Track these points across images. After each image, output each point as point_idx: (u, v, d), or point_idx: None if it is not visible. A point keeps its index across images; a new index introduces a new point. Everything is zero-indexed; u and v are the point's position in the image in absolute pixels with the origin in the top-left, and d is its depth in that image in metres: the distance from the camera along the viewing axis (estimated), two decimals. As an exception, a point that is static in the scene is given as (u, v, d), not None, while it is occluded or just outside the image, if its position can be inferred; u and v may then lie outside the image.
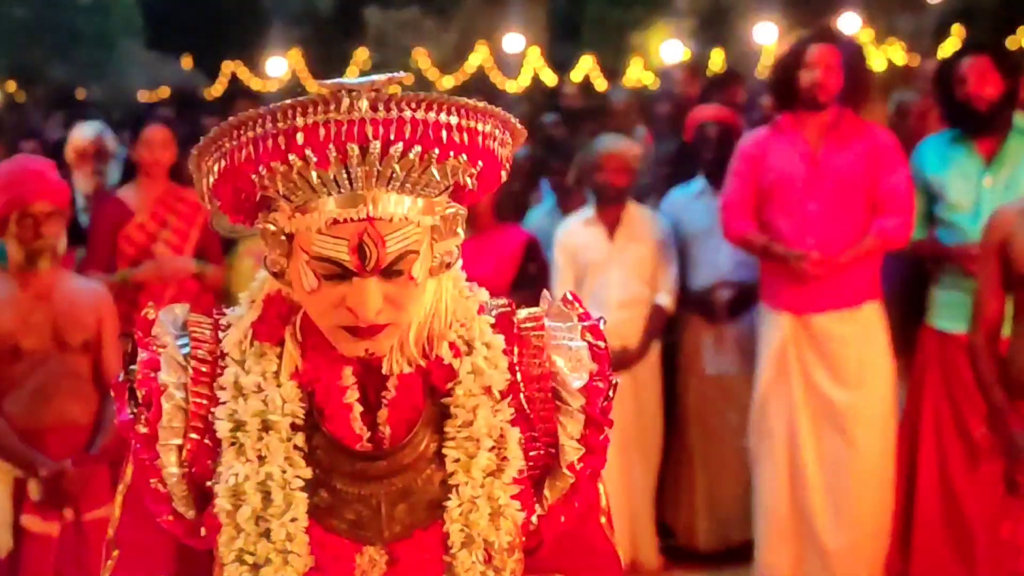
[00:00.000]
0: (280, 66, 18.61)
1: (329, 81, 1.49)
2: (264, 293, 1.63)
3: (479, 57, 17.42)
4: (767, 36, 15.90)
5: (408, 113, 1.47)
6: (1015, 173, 4.58)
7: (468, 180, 1.54)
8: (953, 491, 4.66)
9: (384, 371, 1.61)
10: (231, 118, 1.53)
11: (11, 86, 16.94)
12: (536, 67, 16.32)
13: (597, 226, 5.13)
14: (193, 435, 1.57)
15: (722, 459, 5.19)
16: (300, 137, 1.46)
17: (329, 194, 1.47)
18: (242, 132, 1.51)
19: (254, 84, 18.31)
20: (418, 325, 1.60)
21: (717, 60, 14.44)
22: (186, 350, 1.60)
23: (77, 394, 3.74)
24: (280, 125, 1.49)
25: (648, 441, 5.18)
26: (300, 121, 1.48)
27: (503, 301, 1.68)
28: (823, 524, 4.64)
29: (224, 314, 1.68)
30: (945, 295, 4.66)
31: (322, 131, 1.46)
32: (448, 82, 18.25)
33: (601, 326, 1.70)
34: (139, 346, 1.65)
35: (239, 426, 1.57)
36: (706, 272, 5.10)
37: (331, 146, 1.45)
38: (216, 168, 1.55)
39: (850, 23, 16.07)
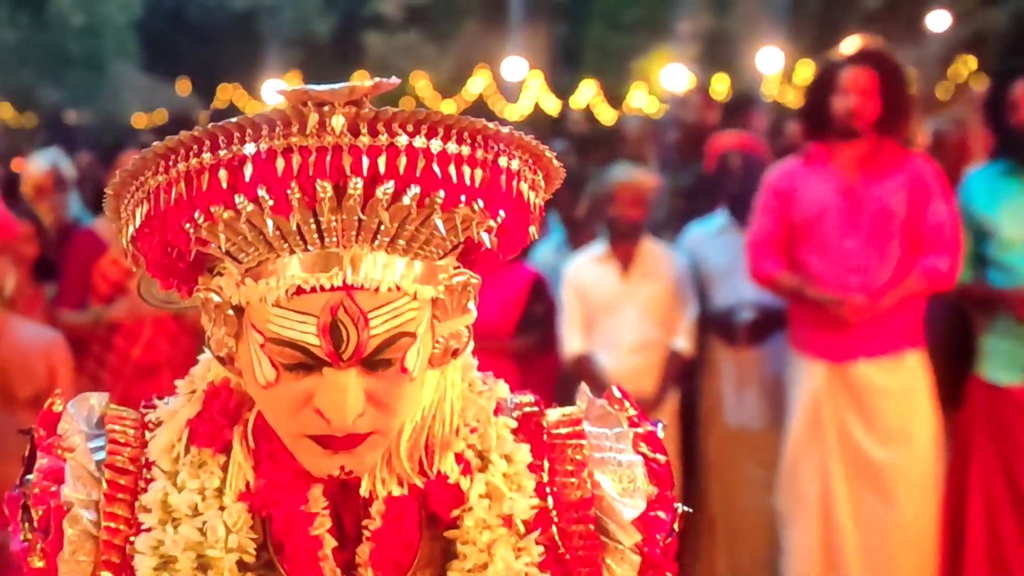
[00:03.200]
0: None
1: (290, 88, 1.08)
2: (207, 382, 1.25)
3: (479, 82, 17.13)
4: (772, 63, 15.66)
5: (403, 139, 1.10)
6: (1075, 209, 4.36)
7: (485, 236, 1.14)
8: (1005, 559, 4.40)
9: (366, 493, 1.22)
10: (156, 144, 1.13)
11: (6, 110, 16.65)
12: (538, 92, 16.04)
13: (609, 263, 4.88)
14: (105, 573, 1.22)
15: (746, 520, 4.90)
16: (249, 171, 1.09)
17: (291, 252, 1.11)
18: (170, 164, 1.12)
19: (252, 108, 18.00)
20: (413, 431, 1.22)
21: (721, 86, 14.11)
22: (101, 455, 1.25)
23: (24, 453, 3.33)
24: (222, 154, 1.10)
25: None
26: (249, 148, 1.09)
27: (528, 398, 1.30)
28: (860, 594, 4.41)
29: (154, 407, 1.29)
30: (996, 343, 4.41)
31: (280, 163, 1.08)
32: (448, 107, 17.97)
33: (660, 432, 1.32)
34: (39, 449, 1.29)
35: (167, 563, 1.20)
36: (727, 298, 4.83)
37: (293, 184, 1.08)
38: (137, 214, 1.15)
39: (855, 49, 15.83)
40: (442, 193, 1.11)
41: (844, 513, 4.39)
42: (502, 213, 1.15)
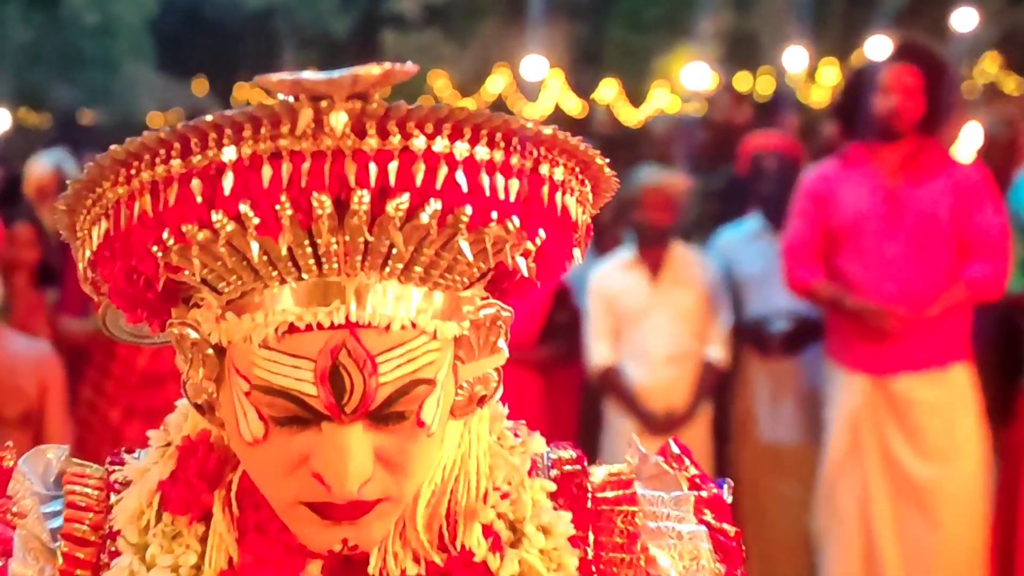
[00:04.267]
0: (293, 90, 18.15)
1: (278, 76, 0.88)
2: (184, 435, 1.05)
3: (499, 81, 16.98)
4: (797, 62, 15.45)
5: (420, 141, 0.89)
6: None
7: (521, 262, 0.94)
8: (1057, 584, 4.24)
9: (375, 572, 1.01)
10: (115, 147, 0.92)
11: (22, 111, 16.60)
12: (559, 91, 15.89)
13: (638, 269, 4.74)
14: None
15: (780, 541, 4.73)
16: (228, 181, 0.89)
17: (282, 282, 0.91)
18: (132, 172, 0.92)
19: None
20: (432, 496, 1.02)
21: (744, 84, 13.91)
22: (57, 522, 1.07)
23: None
24: (195, 161, 0.90)
25: None
26: (229, 153, 0.89)
27: (568, 453, 1.09)
28: (903, 620, 4.27)
29: (122, 462, 1.09)
30: (1048, 355, 4.23)
31: (267, 171, 0.88)
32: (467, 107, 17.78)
33: (727, 495, 1.13)
34: (-16, 514, 1.07)
35: None
36: (760, 306, 4.72)
37: (283, 198, 0.88)
38: (95, 233, 0.96)
39: (880, 47, 15.60)
40: (469, 209, 0.90)
41: (885, 535, 4.27)
42: (542, 233, 0.95)
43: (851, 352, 4.27)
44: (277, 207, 0.88)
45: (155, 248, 0.91)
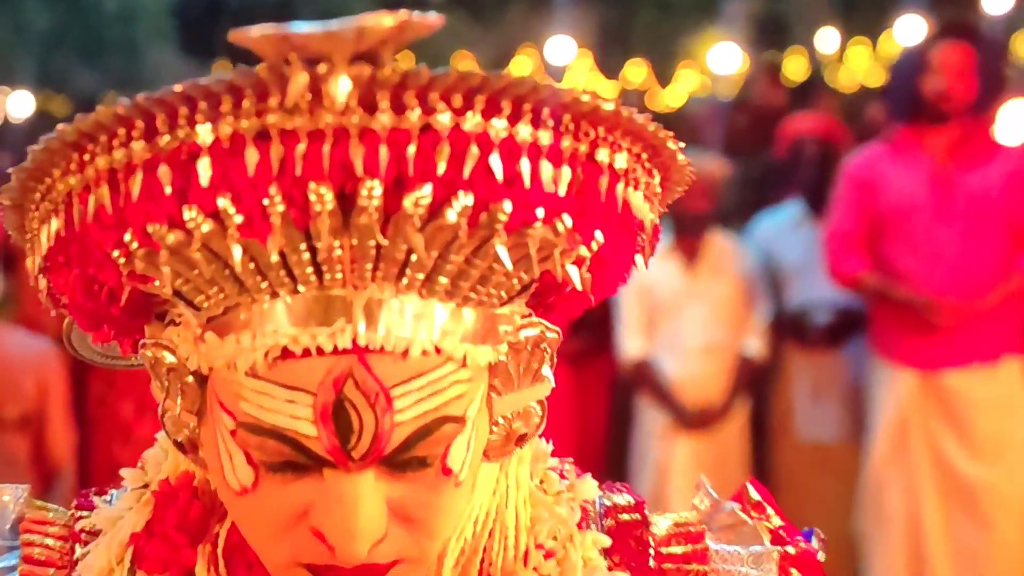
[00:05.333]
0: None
1: (261, 29, 0.71)
2: (161, 478, 0.88)
3: (524, 63, 16.88)
4: (829, 44, 15.28)
5: (446, 117, 0.71)
6: None
7: (573, 272, 0.76)
8: (1117, 590, 4.16)
9: None
10: (63, 127, 0.75)
11: (44, 97, 16.63)
12: (586, 74, 15.77)
13: (673, 258, 4.63)
14: None
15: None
16: (204, 169, 0.71)
17: (273, 295, 0.74)
18: (86, 158, 0.75)
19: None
20: (460, 555, 0.85)
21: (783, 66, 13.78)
22: None
23: (11, 482, 3.00)
24: (162, 143, 0.73)
25: None
26: (204, 133, 0.71)
27: (625, 498, 0.92)
28: (952, 627, 4.20)
29: (90, 505, 0.92)
30: (1108, 349, 4.15)
31: (252, 155, 0.71)
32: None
33: (819, 553, 0.94)
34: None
35: None
36: (801, 297, 4.65)
37: (272, 191, 0.71)
38: (44, 234, 0.79)
39: (912, 26, 15.46)
40: (508, 205, 0.72)
41: (934, 537, 4.18)
42: (599, 235, 0.77)
43: (898, 346, 4.19)
44: (265, 202, 0.70)
45: (116, 253, 0.74)
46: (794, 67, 13.37)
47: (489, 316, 0.76)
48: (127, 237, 0.73)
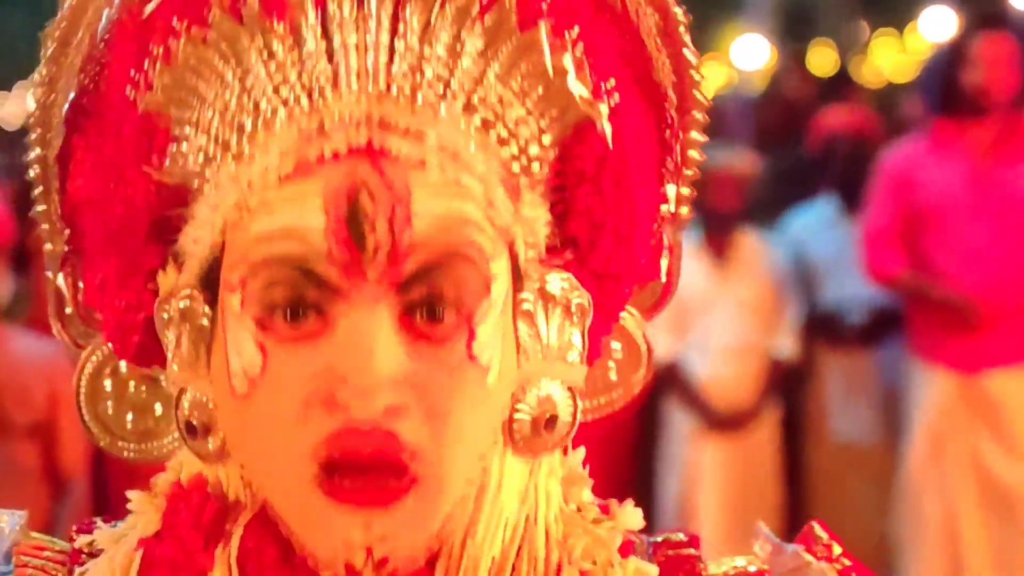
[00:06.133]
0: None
1: None
2: (172, 483, 0.82)
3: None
4: (854, 38, 15.24)
5: None
6: None
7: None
8: None
9: None
10: None
11: None
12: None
13: (702, 256, 4.63)
14: None
15: (855, 547, 4.32)
16: None
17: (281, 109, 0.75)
18: None
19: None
20: (491, 567, 0.78)
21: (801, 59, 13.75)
22: None
23: (20, 493, 3.07)
24: None
25: (764, 519, 4.49)
26: None
27: (678, 536, 0.84)
28: (992, 636, 4.17)
29: (92, 526, 0.85)
30: None
31: None
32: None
33: None
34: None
35: None
36: (835, 295, 4.65)
37: None
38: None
39: (938, 21, 15.43)
40: None
41: (973, 544, 4.17)
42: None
43: (936, 346, 4.19)
44: None
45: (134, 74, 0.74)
46: (820, 59, 13.34)
47: (513, 185, 0.74)
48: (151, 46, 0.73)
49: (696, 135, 0.81)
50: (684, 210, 0.83)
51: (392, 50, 0.72)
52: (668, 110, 0.80)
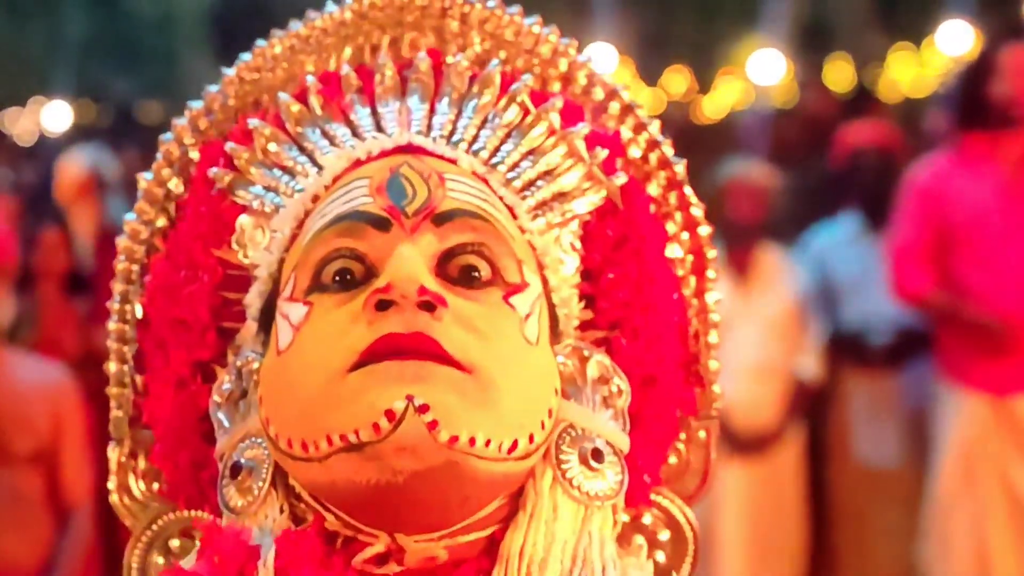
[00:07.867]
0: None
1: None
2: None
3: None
4: (873, 52, 15.21)
5: None
6: None
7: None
8: None
9: None
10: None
11: (81, 106, 16.81)
12: (628, 81, 15.81)
13: (722, 272, 4.52)
14: None
15: (881, 573, 4.62)
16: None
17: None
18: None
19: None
20: None
21: (819, 73, 13.71)
22: None
23: (22, 524, 2.98)
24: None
25: (787, 545, 4.65)
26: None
27: None
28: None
29: None
30: None
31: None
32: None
33: None
34: None
35: None
36: (860, 314, 4.58)
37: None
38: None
39: (955, 34, 15.40)
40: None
41: (1003, 571, 4.06)
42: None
43: (967, 369, 4.08)
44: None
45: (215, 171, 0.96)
46: (837, 74, 13.31)
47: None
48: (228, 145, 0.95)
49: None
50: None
51: (430, 127, 0.91)
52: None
